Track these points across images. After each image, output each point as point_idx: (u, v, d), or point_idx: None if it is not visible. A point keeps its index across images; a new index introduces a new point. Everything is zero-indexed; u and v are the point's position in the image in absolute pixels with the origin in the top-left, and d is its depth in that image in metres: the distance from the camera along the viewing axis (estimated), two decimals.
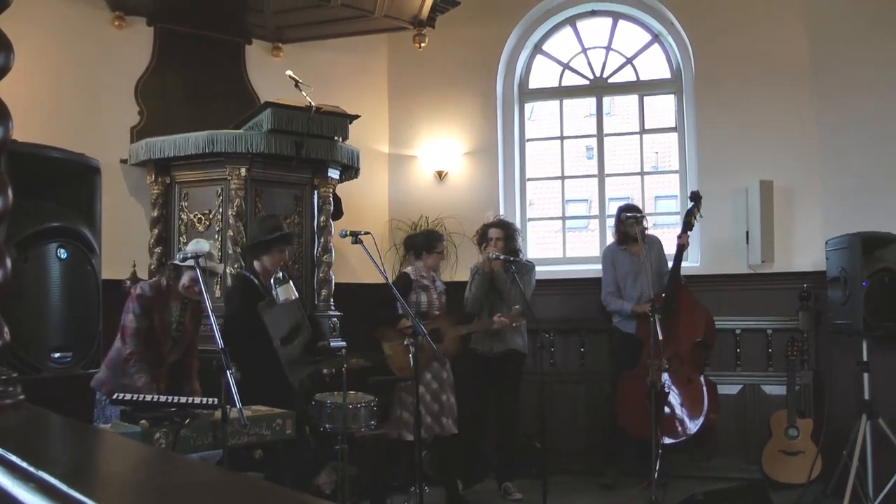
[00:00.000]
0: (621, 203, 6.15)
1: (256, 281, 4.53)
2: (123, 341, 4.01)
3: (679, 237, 5.67)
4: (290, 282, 4.38)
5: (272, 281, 4.35)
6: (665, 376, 5.38)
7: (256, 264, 4.58)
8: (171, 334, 4.14)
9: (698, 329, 5.45)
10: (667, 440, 5.26)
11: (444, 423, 5.04)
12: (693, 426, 5.34)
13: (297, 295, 4.41)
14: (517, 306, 5.28)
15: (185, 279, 4.07)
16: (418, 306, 5.11)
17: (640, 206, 6.10)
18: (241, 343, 4.18)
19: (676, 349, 5.40)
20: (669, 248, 5.92)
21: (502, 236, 5.45)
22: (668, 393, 5.38)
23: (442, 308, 5.28)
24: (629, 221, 5.64)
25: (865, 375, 5.00)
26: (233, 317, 4.48)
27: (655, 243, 5.90)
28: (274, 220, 4.71)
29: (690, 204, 5.74)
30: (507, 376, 5.44)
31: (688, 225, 5.66)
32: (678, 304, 5.50)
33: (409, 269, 5.33)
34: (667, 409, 5.40)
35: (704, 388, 5.39)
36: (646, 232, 5.73)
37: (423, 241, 5.33)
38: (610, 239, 6.18)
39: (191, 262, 3.85)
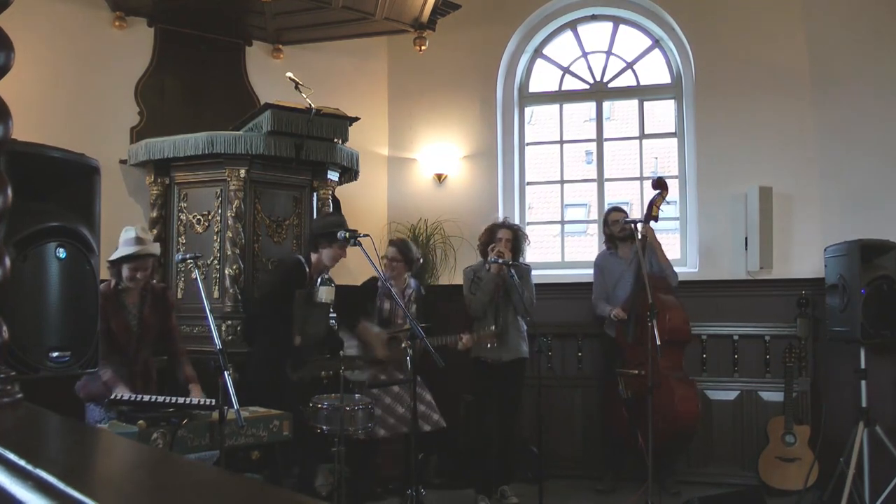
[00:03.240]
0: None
1: (307, 269, 4.66)
2: None
3: (643, 228, 5.45)
4: (334, 286, 4.56)
5: (319, 280, 4.53)
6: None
7: (313, 256, 4.71)
8: (132, 332, 4.08)
9: (662, 330, 5.04)
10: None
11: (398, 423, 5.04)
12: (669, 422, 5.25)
13: (333, 300, 4.61)
14: (492, 327, 5.14)
15: (125, 272, 4.02)
16: (380, 313, 5.14)
17: (637, 214, 5.95)
18: (263, 317, 4.49)
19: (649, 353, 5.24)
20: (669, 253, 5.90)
21: (511, 237, 5.32)
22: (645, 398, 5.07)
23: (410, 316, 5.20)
24: (613, 224, 5.71)
25: (863, 383, 5.00)
26: (269, 289, 4.67)
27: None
28: (338, 217, 4.84)
29: (655, 192, 5.48)
30: (512, 382, 5.35)
31: (650, 216, 5.42)
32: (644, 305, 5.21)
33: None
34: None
35: (674, 386, 5.31)
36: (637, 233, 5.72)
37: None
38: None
39: (120, 252, 3.95)
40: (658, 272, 5.56)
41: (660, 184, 5.51)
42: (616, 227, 5.75)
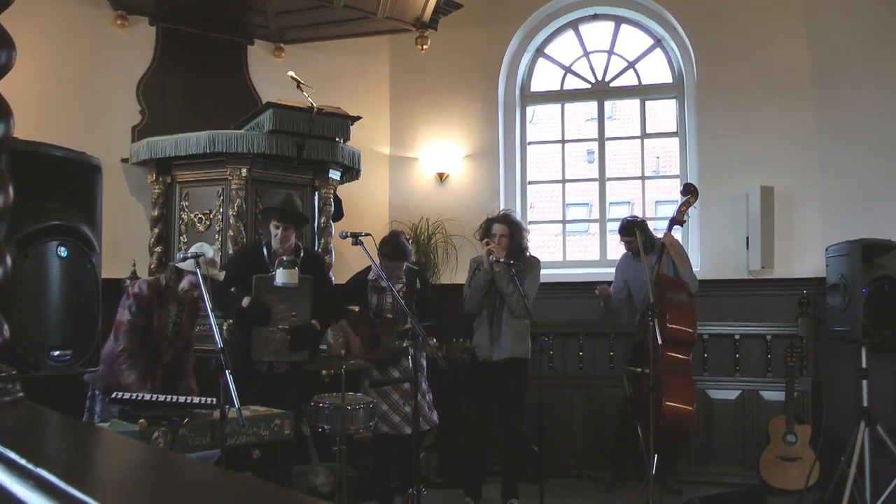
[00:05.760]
0: (621, 207, 6.13)
1: (265, 251, 4.58)
2: (116, 338, 4.00)
3: (664, 235, 5.40)
4: (296, 269, 4.33)
5: (277, 261, 4.40)
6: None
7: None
8: (167, 334, 4.13)
9: (663, 329, 5.06)
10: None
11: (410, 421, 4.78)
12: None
13: (296, 283, 4.38)
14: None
15: (184, 283, 4.05)
16: (369, 307, 4.99)
17: (638, 214, 5.84)
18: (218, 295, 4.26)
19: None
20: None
21: (507, 233, 4.98)
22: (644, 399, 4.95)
23: (398, 312, 4.94)
24: (624, 241, 5.64)
25: (864, 382, 5.00)
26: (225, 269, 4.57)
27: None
28: (283, 197, 4.67)
29: (684, 197, 5.35)
30: (507, 382, 5.04)
31: (676, 220, 5.31)
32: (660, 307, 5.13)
33: (372, 269, 4.92)
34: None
35: (670, 387, 5.22)
36: (655, 238, 5.66)
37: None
38: (611, 242, 6.19)
39: (191, 266, 3.84)
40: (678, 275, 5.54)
41: (689, 189, 5.48)
42: (627, 247, 5.70)
